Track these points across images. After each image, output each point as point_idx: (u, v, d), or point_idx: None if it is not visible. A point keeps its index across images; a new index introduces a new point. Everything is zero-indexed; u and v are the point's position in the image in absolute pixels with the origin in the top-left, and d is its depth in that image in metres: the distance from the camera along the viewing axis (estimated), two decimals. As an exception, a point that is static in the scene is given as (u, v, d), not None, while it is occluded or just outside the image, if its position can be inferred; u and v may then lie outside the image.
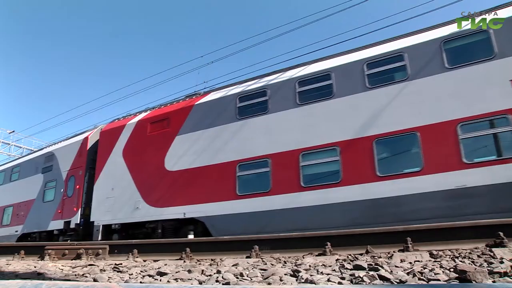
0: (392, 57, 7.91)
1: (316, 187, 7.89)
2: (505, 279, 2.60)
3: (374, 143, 7.48)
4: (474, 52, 7.18)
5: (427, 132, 7.01)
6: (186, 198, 9.35)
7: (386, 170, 7.27)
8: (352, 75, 8.21)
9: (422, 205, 6.61)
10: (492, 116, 6.54)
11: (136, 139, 10.93)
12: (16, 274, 5.06)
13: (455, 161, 6.61)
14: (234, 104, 9.50)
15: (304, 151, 8.20)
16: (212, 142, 9.46)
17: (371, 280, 2.89)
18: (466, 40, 7.33)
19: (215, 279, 3.54)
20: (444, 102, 7.07)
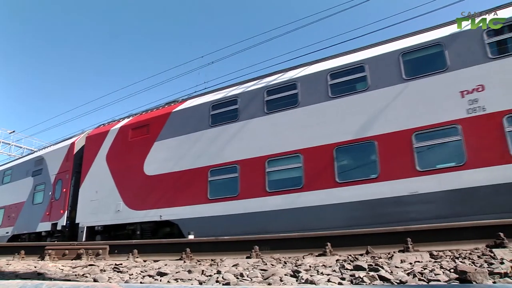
0: (353, 68, 8.33)
1: (280, 192, 8.26)
2: (505, 280, 2.59)
3: (335, 150, 7.89)
4: (429, 64, 7.62)
5: (384, 141, 7.44)
6: (162, 202, 9.78)
7: (344, 177, 7.71)
8: (316, 85, 8.60)
9: (379, 210, 7.05)
10: (444, 126, 6.97)
11: (119, 145, 11.39)
12: (16, 274, 5.06)
13: (409, 169, 7.05)
14: (208, 111, 9.93)
15: (270, 158, 8.60)
16: (187, 148, 9.90)
17: (371, 281, 2.89)
18: (422, 52, 7.78)
19: (215, 279, 3.54)
20: (400, 112, 7.50)
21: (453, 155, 6.86)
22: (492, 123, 6.58)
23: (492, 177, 6.29)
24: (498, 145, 6.43)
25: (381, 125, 7.57)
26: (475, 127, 6.71)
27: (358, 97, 8.07)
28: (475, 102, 6.84)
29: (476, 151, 6.58)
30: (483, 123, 6.67)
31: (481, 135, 6.64)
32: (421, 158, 7.03)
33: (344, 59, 8.58)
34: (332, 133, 8.04)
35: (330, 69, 8.55)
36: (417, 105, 7.37)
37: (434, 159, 7.06)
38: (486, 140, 6.59)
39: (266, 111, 9.04)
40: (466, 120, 6.80)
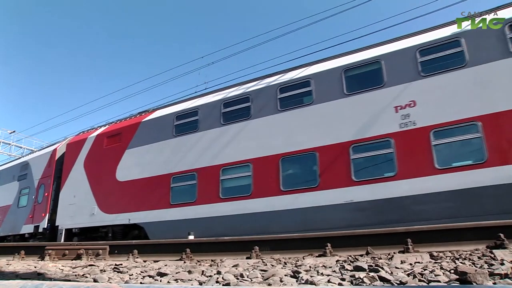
0: (300, 82, 8.86)
1: (231, 198, 8.86)
2: (505, 281, 2.59)
3: (280, 161, 8.46)
4: (368, 80, 8.16)
5: (325, 152, 7.98)
6: (131, 206, 10.46)
7: (288, 185, 8.25)
8: (267, 99, 9.16)
9: (318, 216, 7.57)
10: (378, 139, 7.51)
11: (95, 152, 12.10)
12: (16, 274, 5.06)
13: (346, 179, 7.60)
14: (172, 122, 10.57)
15: (224, 167, 9.20)
16: (153, 156, 10.57)
17: (371, 281, 2.89)
18: (363, 69, 8.31)
19: (215, 279, 3.54)
20: (340, 126, 8.06)
21: (386, 167, 7.39)
22: (421, 137, 7.11)
23: (418, 188, 6.85)
24: (425, 158, 6.95)
25: (322, 138, 8.12)
26: (406, 140, 7.24)
27: (304, 110, 8.64)
28: (407, 117, 7.37)
29: (406, 163, 7.14)
30: (413, 137, 7.20)
31: (410, 148, 7.17)
32: (357, 169, 7.61)
33: (292, 74, 9.17)
34: (279, 145, 8.60)
35: (279, 84, 9.14)
36: (356, 119, 7.92)
37: (369, 170, 7.59)
38: (414, 153, 7.14)
39: (222, 123, 9.67)
40: (398, 134, 7.33)
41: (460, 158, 6.86)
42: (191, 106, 10.49)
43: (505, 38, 6.89)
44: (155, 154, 10.53)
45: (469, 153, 6.80)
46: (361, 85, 8.14)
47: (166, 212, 9.70)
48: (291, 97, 8.92)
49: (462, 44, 7.28)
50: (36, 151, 16.05)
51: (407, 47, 7.86)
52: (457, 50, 7.31)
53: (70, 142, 13.35)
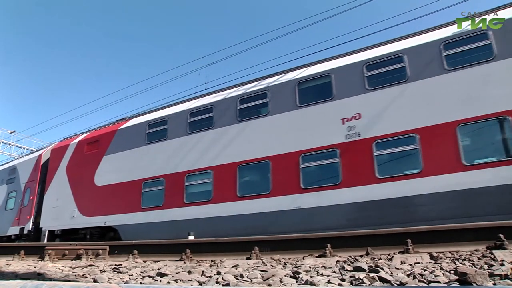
0: (258, 94, 9.37)
1: (194, 203, 9.40)
2: (505, 282, 2.59)
3: (238, 168, 8.95)
4: (319, 93, 8.57)
5: (276, 161, 8.46)
6: (107, 209, 11.04)
7: (244, 191, 8.75)
8: (228, 109, 9.68)
9: (269, 221, 8.05)
10: (326, 149, 7.96)
11: (76, 157, 12.74)
12: (16, 274, 5.06)
13: (296, 186, 8.05)
14: (145, 130, 11.18)
15: (188, 173, 9.74)
16: (128, 162, 11.16)
17: (371, 282, 2.89)
18: (314, 82, 8.77)
19: (215, 280, 3.55)
20: (292, 136, 8.50)
21: (331, 175, 7.81)
22: (364, 148, 7.56)
23: (360, 195, 7.31)
24: (367, 167, 7.40)
25: (275, 147, 8.60)
26: (350, 151, 7.71)
27: (260, 121, 9.13)
28: (352, 128, 7.84)
29: (349, 172, 7.60)
30: (357, 147, 7.65)
31: (354, 159, 7.64)
32: (305, 177, 8.08)
33: (252, 86, 9.69)
34: (237, 153, 9.10)
35: (239, 95, 9.68)
36: (307, 130, 8.37)
37: (316, 178, 8.06)
38: (358, 163, 7.58)
39: (188, 131, 10.22)
40: (343, 145, 7.81)
41: (399, 169, 7.29)
42: (161, 115, 11.10)
43: (441, 56, 7.40)
44: (129, 161, 11.14)
45: (407, 164, 7.24)
46: (312, 98, 8.62)
47: (137, 216, 10.29)
48: (250, 108, 9.45)
49: (404, 60, 7.76)
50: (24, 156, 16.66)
51: (355, 62, 8.33)
52: (399, 66, 7.79)
53: (54, 148, 14.06)
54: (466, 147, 6.74)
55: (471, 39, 7.22)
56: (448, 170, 6.70)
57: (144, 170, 10.61)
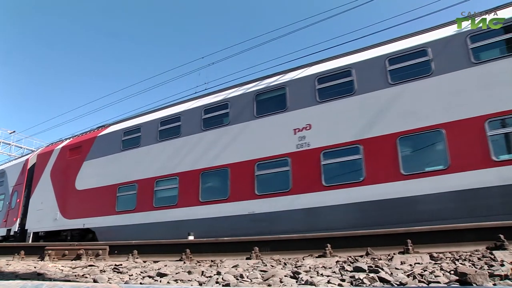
0: (220, 105, 9.89)
1: (161, 207, 9.92)
2: (506, 282, 2.59)
3: (201, 175, 9.47)
4: (275, 104, 9.05)
5: (235, 169, 8.94)
6: (86, 212, 11.62)
7: (206, 197, 9.29)
8: (193, 119, 10.21)
9: (226, 225, 8.54)
10: (279, 158, 8.42)
11: (60, 162, 13.36)
12: (16, 274, 5.06)
13: (251, 193, 8.55)
14: (120, 137, 11.76)
15: (157, 179, 10.31)
16: (105, 168, 11.77)
17: (371, 282, 2.89)
18: (271, 94, 9.24)
19: (215, 280, 3.55)
20: (249, 145, 8.99)
21: (283, 183, 8.25)
22: (313, 157, 7.99)
23: (306, 202, 7.79)
24: (315, 175, 7.86)
25: (234, 155, 9.09)
26: (300, 159, 8.15)
27: (221, 130, 9.65)
28: (303, 138, 8.27)
29: (299, 180, 8.05)
30: (306, 156, 8.08)
31: (304, 167, 8.09)
32: (259, 184, 8.55)
33: (215, 96, 10.26)
34: (200, 160, 9.60)
35: (203, 106, 10.24)
36: (262, 139, 8.84)
37: (269, 185, 8.53)
38: (306, 171, 8.01)
39: (158, 139, 10.80)
40: (294, 154, 8.24)
41: (343, 177, 7.72)
42: (136, 123, 11.70)
43: (386, 70, 7.84)
44: (107, 166, 11.75)
45: (351, 173, 7.65)
46: (268, 109, 9.11)
47: (112, 218, 10.91)
48: (213, 118, 9.99)
49: (352, 74, 8.19)
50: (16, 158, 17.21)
51: (308, 75, 8.76)
52: (348, 79, 8.22)
53: (40, 153, 14.74)
54: (405, 157, 7.18)
55: (412, 55, 7.67)
56: (389, 179, 7.14)
57: (119, 176, 11.22)
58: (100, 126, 13.19)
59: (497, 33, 6.95)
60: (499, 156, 6.37)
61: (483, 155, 6.41)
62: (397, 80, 7.68)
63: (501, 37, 6.94)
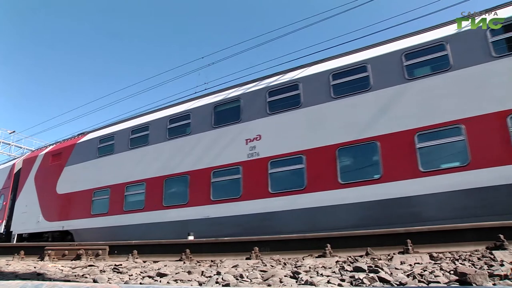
0: (182, 116, 10.58)
1: (131, 211, 10.60)
2: (505, 282, 2.59)
3: (164, 181, 10.12)
4: (230, 116, 9.65)
5: (194, 176, 9.63)
6: (65, 215, 12.38)
7: (169, 201, 9.94)
8: (160, 128, 10.93)
9: (187, 228, 8.67)
10: (231, 166, 9.07)
11: (43, 167, 14.04)
12: (16, 274, 5.06)
13: (207, 198, 9.12)
14: (97, 144, 12.47)
15: (127, 185, 10.99)
16: (83, 173, 12.47)
17: (371, 282, 2.89)
18: (227, 106, 9.88)
19: (215, 280, 3.55)
20: (207, 153, 9.64)
21: (235, 190, 8.83)
22: (262, 166, 8.56)
23: (257, 207, 8.34)
24: (263, 183, 8.41)
25: (193, 163, 9.69)
26: (250, 168, 8.73)
27: (184, 139, 10.28)
28: (253, 148, 8.87)
29: (249, 188, 8.63)
30: (256, 165, 8.65)
31: (253, 175, 8.64)
32: (214, 191, 9.17)
33: (179, 107, 10.95)
34: (164, 167, 10.30)
35: (169, 116, 10.92)
36: (219, 148, 9.42)
37: (224, 191, 9.12)
38: (256, 179, 8.56)
39: (129, 147, 11.50)
40: (246, 162, 8.84)
41: (287, 185, 8.30)
42: (110, 131, 12.44)
43: (329, 85, 8.35)
44: (84, 172, 12.44)
45: (295, 181, 8.17)
46: (224, 120, 9.72)
47: (88, 221, 11.62)
48: (177, 128, 10.61)
49: (299, 87, 8.72)
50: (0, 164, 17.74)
51: (260, 88, 9.37)
52: (295, 93, 8.76)
53: (25, 158, 15.45)
54: (343, 167, 7.71)
55: (354, 70, 8.19)
56: (329, 188, 7.67)
57: (95, 181, 11.94)
58: (80, 133, 14.04)
59: (429, 52, 7.50)
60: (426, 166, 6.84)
61: (412, 166, 6.89)
62: (340, 94, 8.21)
63: (432, 56, 7.46)
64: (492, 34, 7.15)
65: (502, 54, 6.77)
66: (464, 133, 6.63)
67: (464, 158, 6.54)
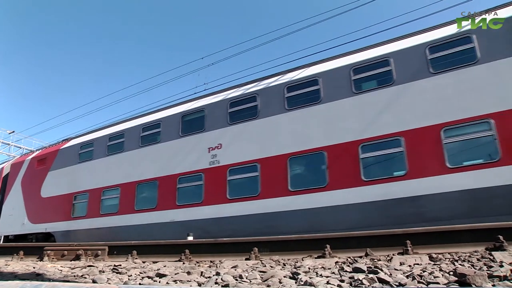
0: (154, 124, 11.25)
1: (107, 214, 11.30)
2: (504, 283, 2.59)
3: (136, 186, 10.84)
4: (196, 125, 10.29)
5: (163, 182, 10.25)
6: (48, 218, 12.99)
7: (140, 206, 10.59)
8: (134, 136, 11.59)
9: (154, 231, 9.66)
10: (195, 173, 9.70)
11: (29, 172, 14.70)
12: (15, 274, 5.05)
13: (173, 203, 9.82)
14: (78, 150, 13.17)
15: (104, 189, 11.73)
16: (63, 178, 13.16)
17: (370, 283, 2.89)
18: (193, 115, 10.51)
19: (214, 281, 3.54)
20: (174, 161, 10.29)
21: (197, 195, 9.43)
22: (221, 173, 9.19)
23: (214, 212, 8.99)
24: (222, 189, 9.02)
25: (162, 170, 10.40)
26: (211, 175, 9.35)
27: (154, 147, 10.98)
28: (215, 156, 9.48)
29: (209, 193, 9.28)
30: (217, 172, 9.27)
31: (214, 182, 9.25)
32: (180, 196, 9.80)
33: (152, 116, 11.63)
34: (136, 173, 10.99)
35: (142, 124, 11.56)
36: (185, 156, 10.06)
37: (187, 197, 9.70)
38: (216, 186, 9.18)
39: (107, 153, 12.18)
40: (207, 170, 9.48)
41: (243, 192, 8.84)
42: (90, 138, 13.14)
43: (284, 97, 8.97)
44: (66, 176, 13.08)
45: (249, 188, 8.73)
46: (191, 129, 10.35)
47: (69, 224, 12.30)
48: (148, 136, 11.28)
49: (257, 99, 9.35)
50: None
51: (223, 99, 10.02)
52: (253, 104, 9.38)
53: (13, 163, 16.09)
54: (293, 176, 8.27)
55: (305, 84, 8.77)
56: (280, 195, 8.22)
57: (75, 185, 12.63)
58: (64, 140, 14.75)
59: (373, 67, 8.02)
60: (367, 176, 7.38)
61: (355, 174, 7.43)
62: (293, 106, 8.79)
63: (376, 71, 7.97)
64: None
65: (439, 70, 7.31)
66: (403, 145, 7.15)
67: None
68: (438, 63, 7.47)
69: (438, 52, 7.52)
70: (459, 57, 7.35)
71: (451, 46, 7.43)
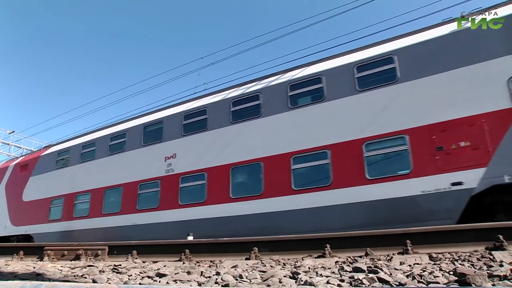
0: (120, 134, 12.07)
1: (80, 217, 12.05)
2: (504, 283, 2.59)
3: (104, 192, 11.61)
4: (155, 136, 11.08)
5: (126, 188, 11.06)
6: (28, 220, 13.86)
7: (107, 210, 11.38)
8: (103, 145, 12.37)
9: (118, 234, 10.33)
10: (153, 181, 10.52)
11: (13, 177, 15.60)
12: (15, 274, 5.05)
13: (133, 208, 10.60)
14: (55, 157, 14.04)
15: (77, 194, 12.43)
16: (44, 183, 13.94)
17: (370, 283, 2.89)
18: (153, 127, 11.29)
19: (214, 280, 3.54)
20: (135, 168, 11.10)
21: (154, 201, 10.25)
22: (175, 181, 9.99)
23: (167, 216, 9.78)
24: (175, 196, 9.85)
25: (125, 177, 11.13)
26: (166, 182, 10.17)
27: (120, 156, 11.75)
28: (170, 165, 10.27)
29: (164, 199, 10.09)
30: (171, 180, 10.07)
31: (169, 188, 10.05)
32: (140, 201, 10.64)
33: (119, 126, 12.36)
34: (104, 180, 11.72)
35: (110, 134, 12.40)
36: (146, 165, 10.84)
37: (145, 203, 10.55)
38: (170, 192, 9.99)
39: (80, 161, 12.96)
40: (164, 177, 10.29)
41: (192, 198, 9.62)
42: (65, 146, 13.96)
43: (230, 110, 9.73)
44: (45, 181, 13.86)
45: (197, 195, 9.48)
46: (151, 139, 11.14)
47: (46, 226, 13.04)
48: (115, 145, 12.03)
49: (207, 112, 10.15)
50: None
51: (179, 111, 10.75)
52: (203, 117, 10.17)
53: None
54: (235, 184, 9.00)
55: (249, 99, 9.49)
56: (223, 201, 8.96)
57: (53, 190, 13.35)
58: (45, 146, 15.66)
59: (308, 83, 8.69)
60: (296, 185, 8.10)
61: (287, 184, 8.13)
62: (237, 119, 9.55)
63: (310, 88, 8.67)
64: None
65: (364, 88, 7.92)
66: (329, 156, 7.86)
67: None
68: (364, 81, 8.15)
69: (365, 71, 8.19)
70: (382, 76, 8.01)
71: (375, 65, 8.07)
